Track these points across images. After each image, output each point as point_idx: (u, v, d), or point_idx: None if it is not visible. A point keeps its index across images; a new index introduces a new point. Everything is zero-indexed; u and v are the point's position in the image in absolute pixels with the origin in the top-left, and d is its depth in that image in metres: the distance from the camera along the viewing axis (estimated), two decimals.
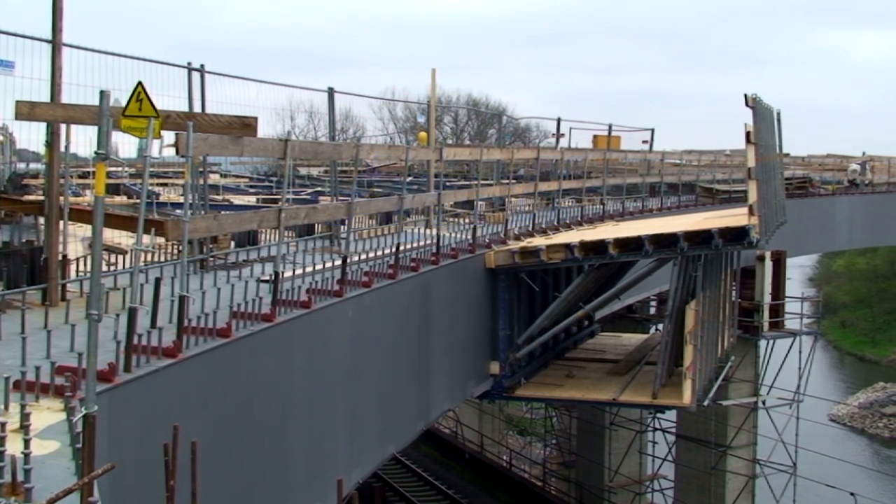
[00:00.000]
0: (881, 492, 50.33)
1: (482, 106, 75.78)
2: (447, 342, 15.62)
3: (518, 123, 69.17)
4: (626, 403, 20.07)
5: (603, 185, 26.01)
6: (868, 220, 43.75)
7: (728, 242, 16.43)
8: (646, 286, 23.67)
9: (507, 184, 21.71)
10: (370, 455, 13.07)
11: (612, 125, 32.26)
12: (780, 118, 21.74)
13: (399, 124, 75.17)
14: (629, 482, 34.04)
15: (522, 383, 19.11)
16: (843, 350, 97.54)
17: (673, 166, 33.89)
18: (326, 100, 15.83)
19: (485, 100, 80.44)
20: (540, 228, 20.64)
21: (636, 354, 22.36)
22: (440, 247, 15.24)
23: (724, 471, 31.63)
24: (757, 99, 17.19)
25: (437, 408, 15.80)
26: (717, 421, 31.43)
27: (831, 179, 44.93)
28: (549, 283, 19.96)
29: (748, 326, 30.94)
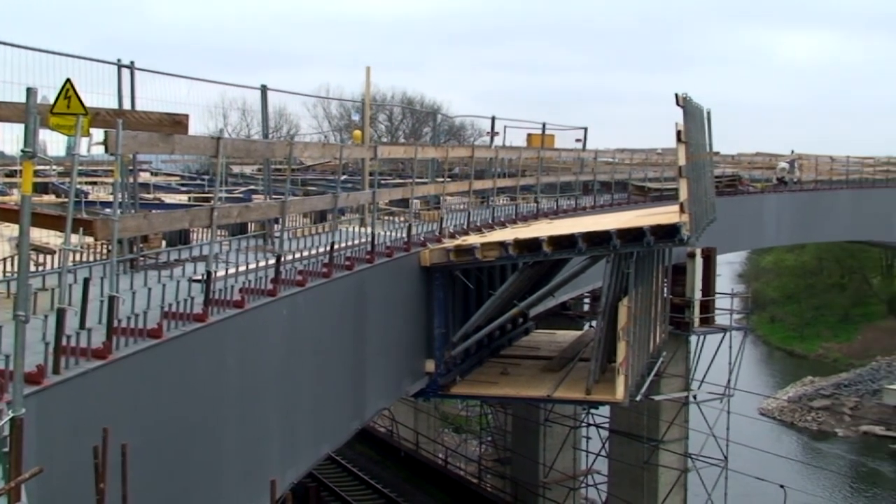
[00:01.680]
0: (810, 484, 51.41)
1: (417, 104, 75.79)
2: (382, 341, 15.60)
3: (453, 122, 69.30)
4: (560, 400, 20.23)
5: (537, 183, 26.16)
6: (796, 218, 44.60)
7: (659, 240, 16.63)
8: (579, 283, 23.86)
9: (441, 182, 21.73)
10: (305, 455, 13.00)
11: (546, 124, 32.46)
12: (710, 117, 22.08)
13: (333, 122, 74.88)
14: (564, 478, 34.31)
15: (458, 381, 19.15)
16: (772, 345, 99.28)
17: (606, 165, 34.19)
18: (259, 97, 15.69)
19: (420, 98, 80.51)
20: (475, 226, 20.69)
21: (570, 351, 22.54)
22: (375, 245, 15.21)
23: (657, 465, 32.01)
24: (687, 98, 17.42)
25: (373, 407, 15.77)
26: (650, 416, 31.79)
27: (760, 177, 45.69)
28: (483, 281, 20.03)
29: (679, 322, 31.34)
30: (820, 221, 47.06)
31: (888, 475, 58.08)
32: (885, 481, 57.25)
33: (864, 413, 67.95)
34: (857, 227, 50.82)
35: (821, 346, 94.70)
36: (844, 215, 48.39)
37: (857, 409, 69.19)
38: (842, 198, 47.89)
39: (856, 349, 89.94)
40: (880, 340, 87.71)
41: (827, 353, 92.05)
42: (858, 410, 68.80)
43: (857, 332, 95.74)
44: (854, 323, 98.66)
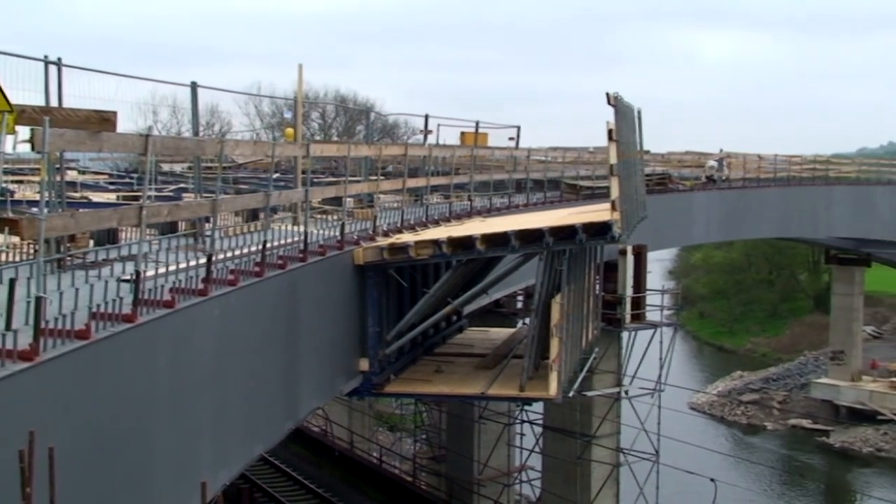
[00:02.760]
0: (740, 477, 52.28)
1: (350, 102, 75.54)
2: (315, 340, 15.52)
3: (386, 120, 69.20)
4: (494, 397, 20.30)
5: (470, 181, 26.23)
6: (724, 215, 45.31)
7: (591, 237, 16.78)
8: (513, 281, 23.98)
9: (375, 180, 21.69)
10: (237, 456, 12.89)
11: (480, 122, 32.58)
12: (641, 116, 22.33)
13: (266, 120, 74.26)
14: (498, 474, 34.49)
15: (392, 379, 19.12)
16: (701, 340, 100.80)
17: (539, 163, 34.39)
18: (190, 94, 15.50)
19: (353, 96, 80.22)
20: (408, 225, 20.68)
21: (504, 348, 22.65)
22: (308, 244, 15.12)
23: (590, 460, 32.34)
24: (618, 97, 17.61)
25: (306, 406, 15.68)
26: (583, 411, 32.11)
27: (690, 175, 46.34)
28: (417, 280, 20.03)
29: (611, 319, 31.69)
30: (748, 219, 47.87)
31: (816, 467, 59.36)
32: (813, 473, 58.51)
33: (792, 407, 69.31)
34: (785, 224, 51.81)
35: (749, 341, 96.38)
36: (772, 213, 49.30)
37: (786, 402, 70.56)
38: (770, 196, 48.78)
39: (784, 344, 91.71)
40: (807, 335, 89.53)
41: (755, 348, 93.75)
42: (787, 404, 70.16)
43: (784, 327, 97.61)
44: (782, 318, 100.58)
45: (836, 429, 63.68)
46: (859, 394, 66.35)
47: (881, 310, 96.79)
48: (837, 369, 68.53)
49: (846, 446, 60.61)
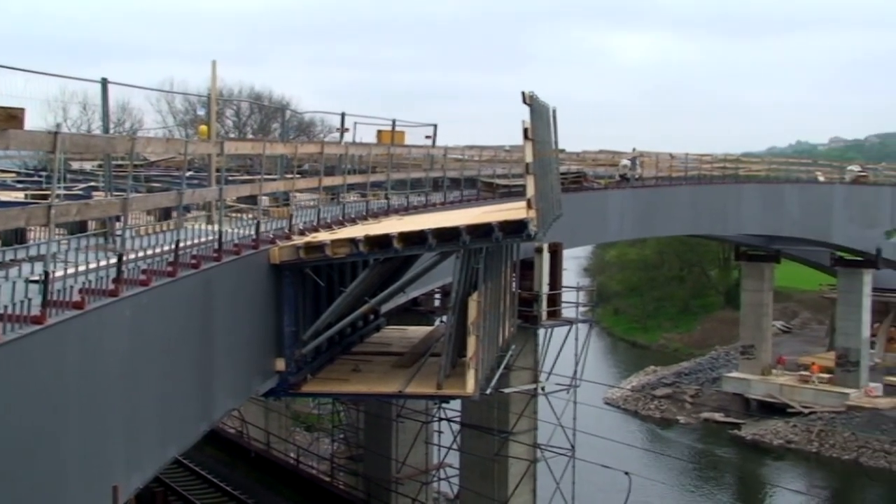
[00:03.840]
0: (654, 470, 53.10)
1: (265, 100, 74.79)
2: (230, 340, 15.33)
3: (302, 118, 68.76)
4: (411, 395, 20.31)
5: (387, 179, 26.18)
6: (638, 213, 45.98)
7: (508, 235, 16.88)
8: (430, 279, 24.00)
9: (291, 179, 21.50)
10: (150, 459, 12.67)
11: (396, 120, 32.51)
12: (556, 115, 22.51)
13: (179, 117, 73.12)
14: (416, 472, 34.51)
15: (309, 379, 18.99)
16: (616, 336, 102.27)
17: (455, 161, 34.49)
18: (100, 91, 15.17)
19: (268, 93, 79.45)
20: (325, 223, 20.55)
21: (421, 346, 22.66)
22: (222, 243, 14.93)
23: (507, 456, 32.52)
24: (534, 97, 17.73)
25: (221, 407, 15.49)
26: (500, 408, 32.27)
27: (604, 174, 46.90)
28: (334, 279, 19.93)
29: (528, 316, 31.89)
30: (661, 217, 48.65)
31: (728, 460, 60.65)
32: (726, 466, 59.78)
33: (704, 400, 70.63)
34: (696, 221, 52.78)
35: (662, 336, 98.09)
36: (684, 211, 50.18)
37: (698, 396, 71.89)
38: (681, 194, 49.63)
39: (695, 339, 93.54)
40: (718, 330, 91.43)
41: (668, 344, 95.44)
42: (699, 398, 71.48)
43: (696, 322, 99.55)
44: (693, 314, 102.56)
45: (747, 422, 65.12)
46: (769, 387, 67.97)
47: (790, 305, 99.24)
48: (748, 363, 70.09)
49: (757, 439, 62.03)
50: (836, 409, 62.97)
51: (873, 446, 57.46)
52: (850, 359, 65.46)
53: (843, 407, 62.93)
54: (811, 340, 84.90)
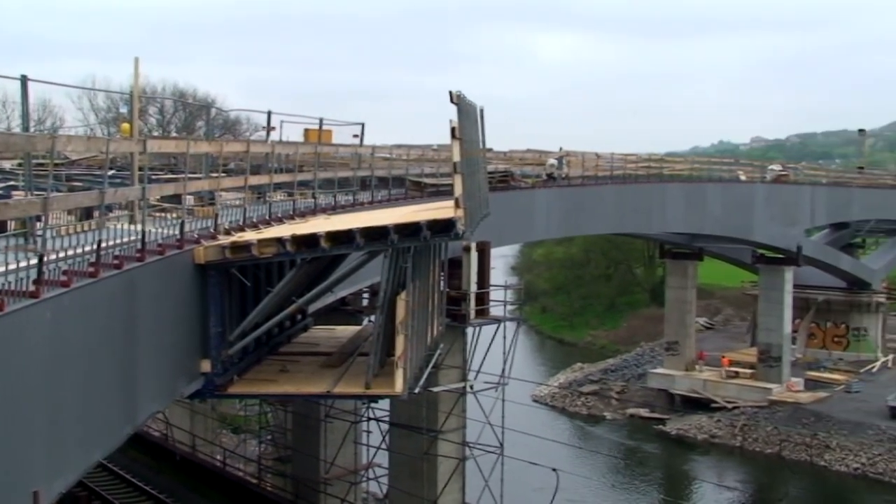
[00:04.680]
0: (581, 466, 53.65)
1: (190, 97, 73.85)
2: (154, 342, 15.09)
3: (227, 116, 68.03)
4: (340, 395, 20.21)
5: (315, 178, 26.01)
6: (564, 212, 46.35)
7: (436, 234, 16.87)
8: (358, 278, 23.91)
9: (216, 177, 21.23)
10: (73, 464, 12.41)
11: (324, 119, 32.29)
12: (483, 114, 22.56)
13: (101, 115, 71.84)
14: (345, 473, 34.39)
15: (235, 380, 18.77)
16: (544, 334, 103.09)
17: (383, 160, 34.40)
18: (20, 88, 14.81)
19: (192, 91, 78.47)
20: (251, 223, 20.35)
21: (349, 346, 22.56)
22: (146, 243, 14.69)
23: (436, 455, 32.58)
24: (461, 96, 17.75)
25: (146, 410, 15.23)
26: (429, 407, 32.32)
27: (531, 173, 47.16)
28: (261, 278, 19.74)
29: (456, 315, 31.99)
30: (587, 215, 49.10)
31: (654, 455, 61.51)
32: (651, 460, 60.61)
33: (630, 396, 71.56)
34: (621, 220, 53.38)
35: (589, 333, 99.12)
36: (609, 209, 50.72)
37: (624, 392, 72.79)
38: (607, 193, 50.14)
39: (621, 336, 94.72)
40: (644, 327, 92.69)
41: (595, 341, 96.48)
42: (625, 394, 72.40)
43: (622, 319, 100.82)
44: (620, 311, 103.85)
45: (671, 417, 66.11)
46: (693, 383, 69.08)
47: (713, 302, 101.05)
48: (672, 360, 71.16)
49: (682, 433, 62.98)
50: (759, 403, 64.23)
51: (795, 440, 58.71)
52: (772, 354, 66.82)
53: (766, 402, 64.21)
54: (734, 336, 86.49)
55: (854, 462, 55.45)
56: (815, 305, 77.94)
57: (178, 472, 36.45)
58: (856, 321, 77.66)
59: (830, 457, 56.47)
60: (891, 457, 54.77)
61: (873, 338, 77.40)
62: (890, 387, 64.42)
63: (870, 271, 77.91)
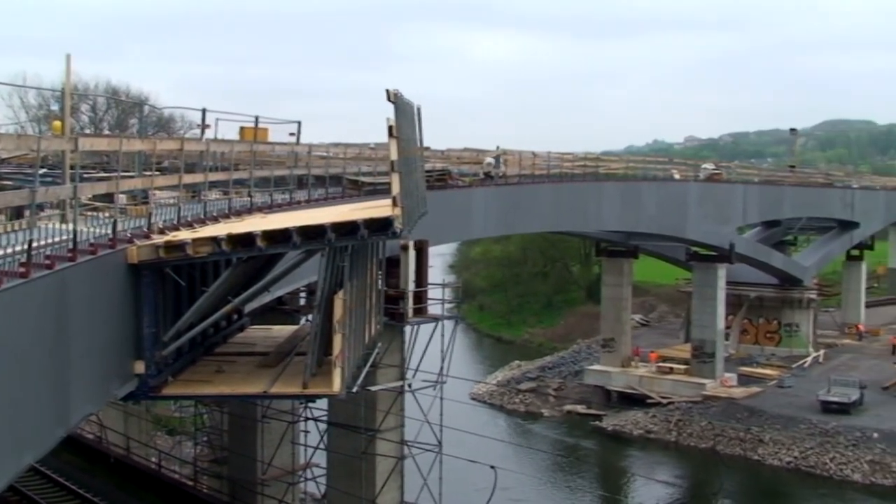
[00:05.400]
0: (519, 463, 54.01)
1: (122, 95, 72.76)
2: (87, 343, 14.84)
3: (161, 113, 67.18)
4: (276, 395, 20.04)
5: (250, 177, 25.79)
6: (502, 210, 46.55)
7: (373, 233, 16.82)
8: (295, 278, 23.76)
9: (150, 176, 20.95)
10: (4, 467, 12.16)
11: (259, 117, 32.03)
12: (421, 113, 22.56)
13: (32, 113, 70.51)
14: (282, 473, 34.18)
15: (170, 381, 18.54)
16: (481, 332, 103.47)
17: (320, 159, 34.23)
18: None
19: (126, 88, 77.35)
20: (186, 222, 20.11)
21: (286, 346, 22.40)
22: (77, 242, 14.44)
23: (374, 454, 32.53)
24: (398, 94, 17.73)
25: (79, 412, 14.98)
26: (367, 406, 32.25)
27: (468, 172, 47.28)
28: (196, 278, 19.52)
29: (394, 313, 31.97)
30: (524, 214, 49.35)
31: (591, 451, 62.06)
32: (588, 457, 61.14)
33: (567, 393, 72.10)
34: (558, 218, 53.76)
35: (526, 331, 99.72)
36: (546, 208, 51.03)
37: (561, 389, 73.35)
38: (544, 191, 50.45)
39: (558, 333, 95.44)
40: (580, 324, 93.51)
41: (532, 338, 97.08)
42: (562, 391, 72.95)
43: (559, 317, 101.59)
44: (556, 309, 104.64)
45: (608, 413, 66.76)
46: (629, 379, 69.82)
47: (648, 299, 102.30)
48: (608, 356, 71.86)
49: (618, 429, 63.62)
50: (693, 398, 65.12)
51: (729, 434, 59.64)
52: (706, 350, 67.78)
53: (700, 397, 65.11)
54: (668, 333, 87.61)
55: (787, 456, 56.49)
56: (748, 302, 79.25)
57: (113, 474, 35.93)
58: (788, 317, 79.11)
59: (764, 451, 57.46)
60: (822, 450, 55.91)
61: (805, 333, 78.91)
62: (821, 382, 65.70)
63: (801, 268, 79.40)
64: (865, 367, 72.72)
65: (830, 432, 57.43)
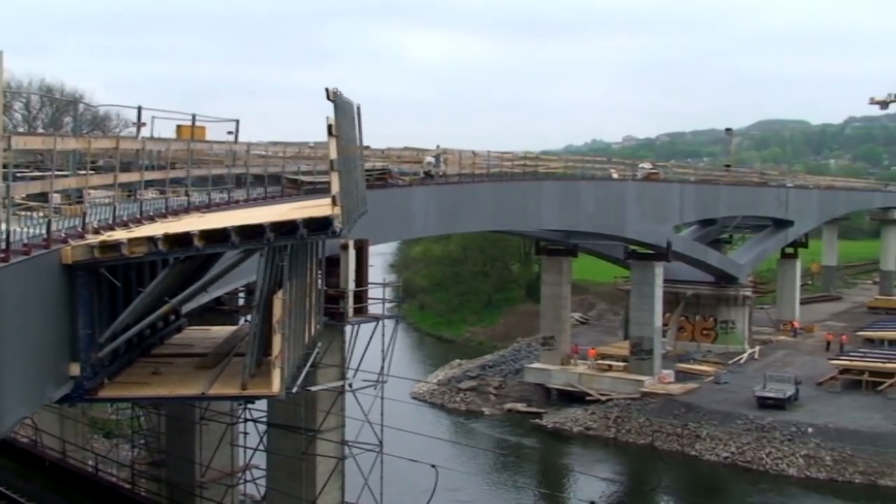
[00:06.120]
0: (460, 462, 54.15)
1: (57, 93, 71.57)
2: (20, 344, 14.56)
3: (97, 111, 66.21)
4: (215, 397, 19.88)
5: (188, 176, 25.52)
6: (442, 209, 46.60)
7: (313, 232, 16.74)
8: (234, 277, 23.54)
9: (84, 175, 20.62)
10: None
11: (197, 115, 31.70)
12: (360, 112, 22.50)
13: None
14: (221, 475, 33.90)
15: (106, 384, 18.27)
16: (422, 331, 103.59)
17: (259, 158, 33.97)
18: None
19: (60, 86, 76.09)
20: (122, 221, 19.83)
21: (225, 347, 22.20)
22: (10, 243, 14.17)
23: (315, 455, 32.36)
24: (338, 93, 17.66)
25: (12, 416, 14.70)
26: (307, 407, 32.07)
27: (408, 171, 47.26)
28: (132, 279, 19.27)
29: (334, 313, 31.83)
30: (464, 213, 49.46)
31: (531, 448, 62.44)
32: (529, 454, 61.51)
33: (507, 392, 72.43)
34: (498, 217, 53.94)
35: (467, 330, 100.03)
36: (486, 207, 51.19)
37: (502, 388, 73.67)
38: (484, 190, 50.60)
39: (498, 332, 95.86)
40: (520, 323, 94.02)
41: (473, 337, 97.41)
42: (503, 389, 73.25)
43: (499, 316, 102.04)
44: (497, 307, 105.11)
45: (548, 411, 67.22)
46: (569, 376, 70.35)
47: (587, 297, 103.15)
48: (548, 354, 72.33)
49: (558, 426, 64.09)
50: (632, 395, 65.80)
51: (666, 430, 60.37)
52: (644, 347, 68.51)
53: (638, 394, 65.82)
54: (607, 331, 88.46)
55: (724, 451, 57.32)
56: (685, 300, 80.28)
57: (48, 478, 35.33)
58: (723, 314, 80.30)
59: (701, 446, 58.24)
60: (758, 445, 56.82)
61: (740, 330, 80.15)
62: (757, 378, 66.77)
63: (736, 266, 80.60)
64: (800, 364, 74.06)
65: (766, 428, 58.39)
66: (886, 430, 57.01)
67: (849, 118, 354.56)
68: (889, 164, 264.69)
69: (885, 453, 54.14)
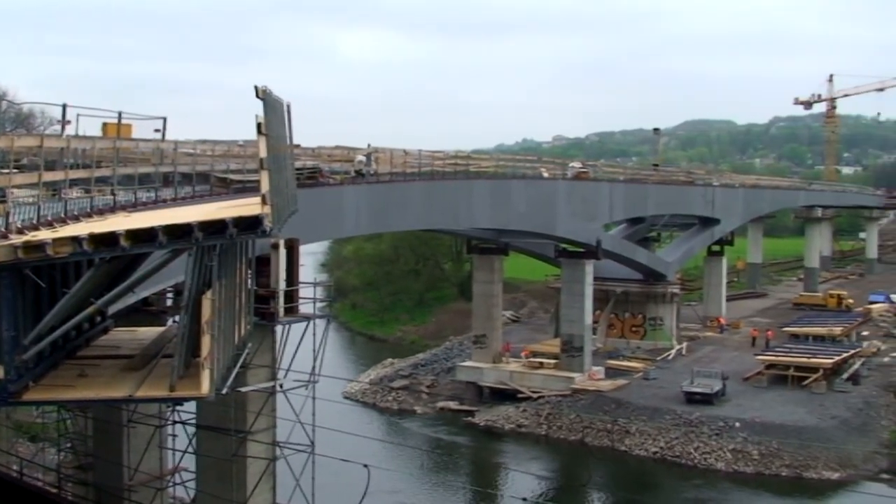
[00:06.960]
0: (393, 461, 54.16)
1: None
2: None
3: (20, 109, 64.82)
4: (143, 399, 19.58)
5: (114, 174, 25.12)
6: (374, 208, 46.50)
7: (242, 231, 16.60)
8: (162, 278, 23.20)
9: (7, 174, 20.19)
10: None
11: (123, 113, 31.18)
12: (290, 110, 22.36)
13: None
14: (150, 478, 33.42)
15: (31, 387, 17.93)
16: (354, 330, 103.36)
17: (187, 156, 33.55)
18: None
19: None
20: (46, 221, 19.46)
21: (153, 348, 21.92)
22: None
23: (245, 456, 32.06)
24: (267, 91, 17.55)
25: None
26: (237, 408, 31.74)
27: (339, 170, 47.06)
28: (58, 279, 18.93)
29: (265, 313, 31.56)
30: (396, 211, 49.41)
31: (464, 446, 62.66)
32: (462, 452, 61.73)
33: (440, 390, 72.59)
34: (430, 216, 53.99)
35: (399, 329, 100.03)
36: (418, 205, 51.20)
37: (434, 386, 73.80)
38: (415, 189, 50.61)
39: (430, 331, 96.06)
40: (452, 321, 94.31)
41: (405, 336, 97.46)
42: (435, 388, 73.41)
43: (431, 314, 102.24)
44: (428, 306, 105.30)
45: (480, 409, 67.51)
46: (500, 374, 70.72)
47: (519, 295, 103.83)
48: (480, 352, 72.61)
49: (490, 424, 64.38)
50: (563, 392, 66.37)
51: (597, 426, 60.99)
52: (574, 345, 69.15)
53: (569, 390, 66.41)
54: (538, 328, 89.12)
55: (653, 446, 58.08)
56: (615, 297, 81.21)
57: None
58: (652, 311, 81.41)
59: (631, 442, 58.96)
60: (687, 440, 57.68)
61: (668, 327, 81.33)
62: (684, 373, 67.81)
63: (665, 264, 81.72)
64: (727, 359, 75.38)
65: (694, 422, 59.30)
66: (811, 424, 58.30)
67: (774, 118, 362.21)
68: (813, 164, 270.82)
69: (810, 447, 55.32)
